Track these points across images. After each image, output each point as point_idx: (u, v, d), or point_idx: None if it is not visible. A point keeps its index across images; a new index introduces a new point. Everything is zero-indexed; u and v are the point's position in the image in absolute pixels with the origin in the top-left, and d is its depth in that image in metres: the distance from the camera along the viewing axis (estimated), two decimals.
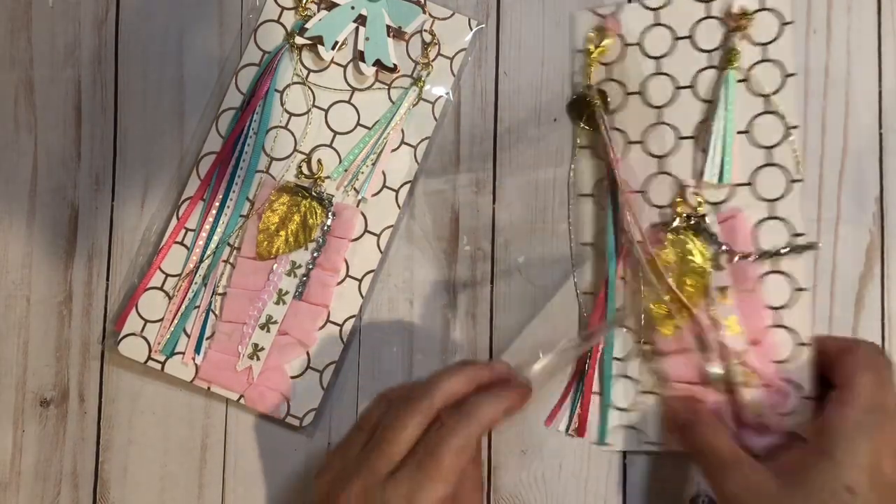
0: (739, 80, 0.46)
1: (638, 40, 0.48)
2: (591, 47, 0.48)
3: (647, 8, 0.48)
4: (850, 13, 0.49)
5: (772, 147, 0.46)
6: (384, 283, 0.49)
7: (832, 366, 0.42)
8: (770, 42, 0.46)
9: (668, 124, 0.47)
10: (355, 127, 0.50)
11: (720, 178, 0.46)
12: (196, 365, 0.49)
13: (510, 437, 0.48)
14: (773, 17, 0.46)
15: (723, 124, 0.46)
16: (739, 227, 0.45)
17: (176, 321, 0.49)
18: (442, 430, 0.38)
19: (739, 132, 0.46)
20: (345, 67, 0.50)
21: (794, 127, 0.46)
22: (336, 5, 0.50)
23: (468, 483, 0.41)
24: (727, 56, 0.46)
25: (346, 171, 0.50)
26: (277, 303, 0.48)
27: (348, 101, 0.50)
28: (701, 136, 0.47)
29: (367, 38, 0.50)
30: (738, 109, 0.46)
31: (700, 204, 0.46)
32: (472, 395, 0.40)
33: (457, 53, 0.50)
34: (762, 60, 0.46)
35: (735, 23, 0.46)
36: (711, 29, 0.47)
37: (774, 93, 0.46)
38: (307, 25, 0.50)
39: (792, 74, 0.46)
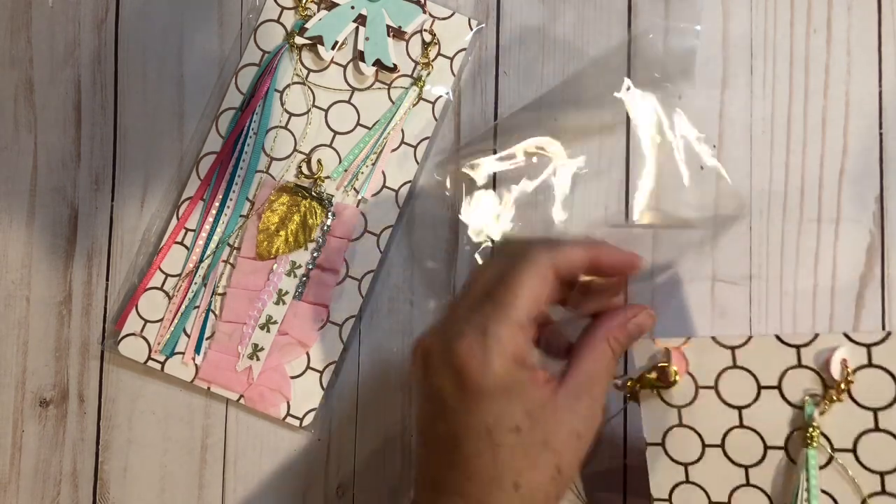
0: (823, 466, 0.39)
1: (713, 384, 0.40)
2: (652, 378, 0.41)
3: (722, 346, 0.40)
4: (850, 13, 0.49)
5: None
6: (384, 283, 0.49)
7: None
8: (885, 407, 0.38)
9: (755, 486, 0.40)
10: (355, 127, 0.50)
11: None
12: (196, 365, 0.49)
13: None
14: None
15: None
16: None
17: (176, 321, 0.49)
18: (518, 260, 0.35)
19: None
20: (345, 67, 0.50)
21: None
22: (336, 5, 0.50)
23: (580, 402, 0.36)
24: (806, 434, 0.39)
25: (346, 171, 0.50)
26: (277, 303, 0.48)
27: (348, 101, 0.50)
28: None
29: (367, 38, 0.50)
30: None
31: None
32: None
33: (457, 53, 0.50)
34: (868, 430, 0.38)
35: (836, 389, 0.39)
36: (801, 379, 0.39)
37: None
38: (307, 25, 0.50)
39: None
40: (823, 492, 0.39)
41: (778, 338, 0.39)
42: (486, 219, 0.49)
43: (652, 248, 0.48)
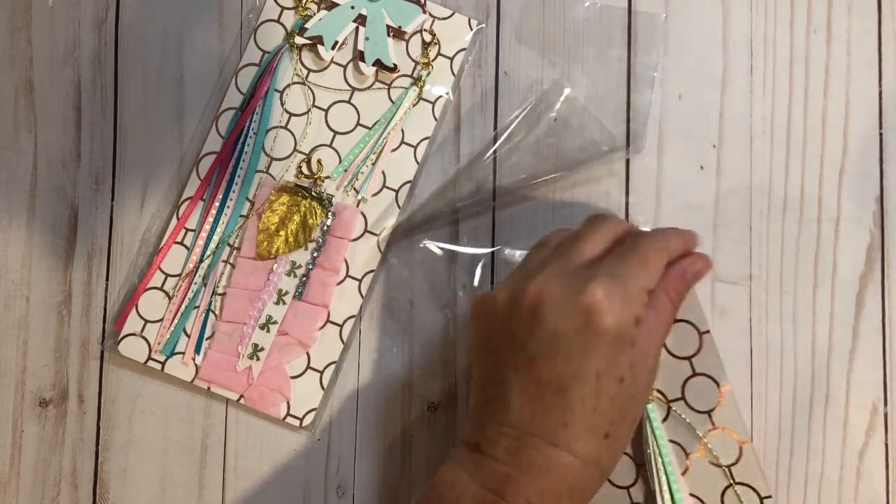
0: (665, 418, 0.44)
1: None
2: None
3: None
4: (850, 13, 0.49)
5: None
6: (384, 283, 0.49)
7: None
8: (692, 356, 0.45)
9: None
10: (355, 127, 0.50)
11: None
12: (196, 365, 0.49)
13: None
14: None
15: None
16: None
17: (176, 321, 0.49)
18: (640, 233, 0.39)
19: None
20: (345, 67, 0.50)
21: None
22: (336, 5, 0.50)
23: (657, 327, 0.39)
24: None
25: (346, 171, 0.50)
26: (277, 303, 0.48)
27: (348, 101, 0.50)
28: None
29: (367, 38, 0.50)
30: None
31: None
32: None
33: (457, 53, 0.50)
34: (688, 377, 0.44)
35: None
36: None
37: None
38: (307, 25, 0.50)
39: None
40: (671, 441, 0.44)
41: None
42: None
43: None
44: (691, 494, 0.44)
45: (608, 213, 0.43)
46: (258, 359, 0.48)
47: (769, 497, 0.44)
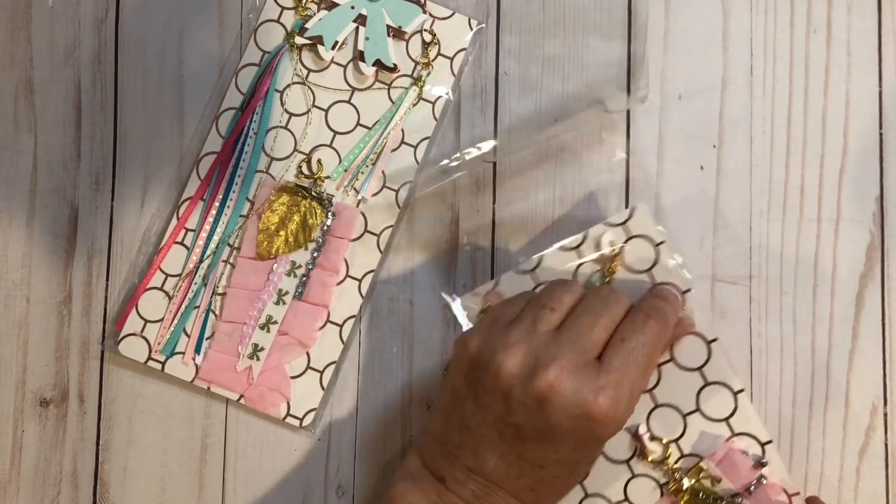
0: None
1: None
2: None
3: (523, 272, 0.46)
4: (850, 13, 0.49)
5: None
6: (384, 283, 0.49)
7: None
8: (650, 268, 0.46)
9: None
10: (355, 127, 0.50)
11: None
12: (196, 365, 0.49)
13: None
14: (645, 243, 0.46)
15: None
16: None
17: (176, 321, 0.49)
18: (653, 332, 0.40)
19: None
20: (345, 67, 0.50)
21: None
22: (336, 5, 0.50)
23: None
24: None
25: (346, 171, 0.50)
26: (277, 303, 0.48)
27: (348, 101, 0.50)
28: None
29: (367, 38, 0.50)
30: None
31: None
32: None
33: (457, 53, 0.50)
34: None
35: (609, 262, 0.46)
36: (590, 272, 0.46)
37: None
38: (307, 25, 0.50)
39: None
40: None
41: (560, 248, 0.46)
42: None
43: None
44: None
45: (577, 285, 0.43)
46: (258, 359, 0.48)
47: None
